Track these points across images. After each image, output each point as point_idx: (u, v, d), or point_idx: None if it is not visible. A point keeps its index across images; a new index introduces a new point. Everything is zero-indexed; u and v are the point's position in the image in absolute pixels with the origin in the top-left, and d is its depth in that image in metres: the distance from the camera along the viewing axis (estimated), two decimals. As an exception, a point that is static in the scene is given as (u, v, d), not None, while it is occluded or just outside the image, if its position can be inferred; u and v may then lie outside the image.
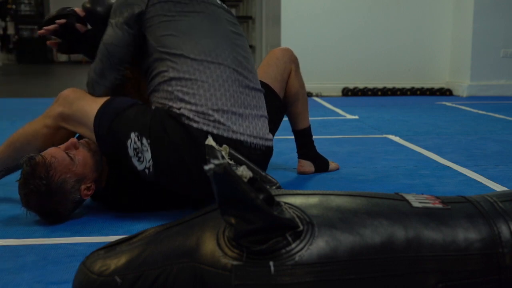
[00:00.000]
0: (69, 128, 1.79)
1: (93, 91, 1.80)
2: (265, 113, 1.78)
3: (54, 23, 1.91)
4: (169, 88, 1.67)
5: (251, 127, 1.69)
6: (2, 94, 6.01)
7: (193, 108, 1.63)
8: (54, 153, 1.67)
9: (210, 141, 1.01)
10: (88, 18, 1.90)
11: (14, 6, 12.67)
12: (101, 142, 1.72)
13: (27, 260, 1.44)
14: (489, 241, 1.01)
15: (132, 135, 1.65)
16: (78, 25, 1.92)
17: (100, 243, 1.49)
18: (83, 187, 1.70)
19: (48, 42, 2.05)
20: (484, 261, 0.99)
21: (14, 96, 5.72)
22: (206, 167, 0.90)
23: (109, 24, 1.77)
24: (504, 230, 1.02)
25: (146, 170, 1.66)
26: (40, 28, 2.01)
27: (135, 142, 1.65)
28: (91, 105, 1.74)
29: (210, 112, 1.63)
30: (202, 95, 1.64)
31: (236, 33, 1.82)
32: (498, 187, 2.14)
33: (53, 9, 13.66)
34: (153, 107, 1.71)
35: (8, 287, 1.29)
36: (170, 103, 1.66)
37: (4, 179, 1.94)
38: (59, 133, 1.82)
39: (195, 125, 1.61)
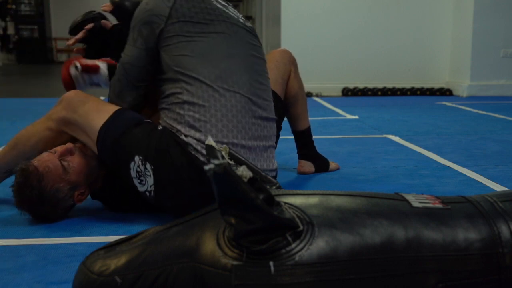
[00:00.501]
0: (71, 133, 1.76)
1: None
2: (274, 143, 1.75)
3: (81, 29, 1.88)
4: (181, 111, 1.62)
5: (257, 160, 1.66)
6: (2, 94, 6.01)
7: (202, 138, 1.58)
8: (48, 161, 1.66)
9: (210, 141, 1.01)
10: (116, 13, 1.86)
11: (14, 6, 12.66)
12: (102, 157, 1.70)
13: (27, 260, 1.44)
14: (489, 241, 1.01)
15: (136, 158, 1.62)
16: (103, 22, 1.89)
17: (100, 243, 1.49)
18: (76, 193, 1.71)
19: (74, 50, 2.00)
20: (484, 261, 0.99)
21: (14, 96, 5.72)
22: (206, 167, 0.90)
23: (127, 42, 1.73)
24: (504, 230, 1.02)
25: (147, 193, 1.64)
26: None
27: (138, 166, 1.62)
28: (97, 114, 1.70)
29: (219, 145, 1.59)
30: (214, 125, 1.60)
31: (256, 56, 1.77)
32: (498, 187, 2.14)
33: (53, 9, 13.69)
34: (160, 127, 1.68)
35: (8, 287, 1.29)
36: (179, 127, 1.62)
37: (4, 180, 1.94)
38: (62, 136, 1.79)
39: (201, 158, 1.57)
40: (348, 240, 0.98)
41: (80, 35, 1.88)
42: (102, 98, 1.91)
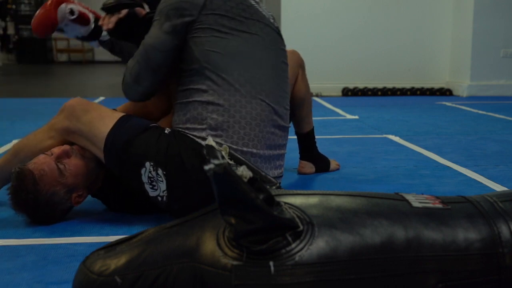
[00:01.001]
0: (75, 142, 1.72)
1: (126, 94, 1.72)
2: (285, 150, 1.74)
3: (116, 9, 1.77)
4: (203, 112, 1.58)
5: (269, 168, 1.65)
6: (2, 94, 6.01)
7: (222, 143, 1.55)
8: (43, 164, 1.64)
9: (210, 141, 1.01)
10: (149, 1, 1.80)
11: (14, 6, 12.65)
12: (109, 164, 1.67)
13: (27, 260, 1.44)
14: (489, 241, 1.01)
15: (147, 164, 1.59)
16: (138, 9, 1.80)
17: (100, 243, 1.49)
18: (74, 195, 1.69)
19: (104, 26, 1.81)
20: (484, 261, 0.99)
21: (14, 96, 5.72)
22: (206, 167, 0.90)
23: (153, 25, 1.64)
24: (504, 230, 1.02)
25: (159, 198, 1.62)
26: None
27: (149, 172, 1.59)
28: (101, 122, 1.66)
29: (238, 154, 1.57)
30: (236, 131, 1.57)
31: (284, 62, 1.74)
32: (498, 187, 2.14)
33: (53, 9, 13.67)
34: (167, 130, 1.65)
35: (8, 287, 1.29)
36: (197, 128, 1.58)
37: (4, 179, 1.94)
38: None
39: None
40: (348, 240, 0.98)
41: (113, 19, 1.76)
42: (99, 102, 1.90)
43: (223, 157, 0.93)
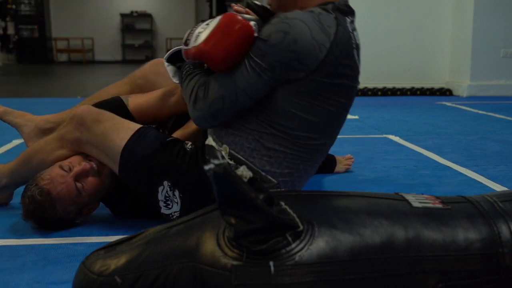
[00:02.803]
0: (88, 153, 1.66)
1: (196, 121, 1.51)
2: None
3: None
4: (272, 155, 1.47)
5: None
6: (2, 94, 6.01)
7: (272, 180, 1.47)
8: (62, 184, 1.59)
9: (210, 141, 1.01)
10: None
11: (14, 6, 12.65)
12: (125, 178, 1.62)
13: (27, 260, 1.44)
14: (489, 241, 1.01)
15: (165, 183, 1.55)
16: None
17: (100, 243, 1.49)
18: (85, 209, 1.68)
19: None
20: (484, 261, 0.99)
21: (14, 96, 5.72)
22: (206, 167, 0.90)
23: (251, 64, 1.40)
24: (504, 230, 1.02)
25: (170, 216, 1.59)
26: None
27: (166, 191, 1.56)
28: (115, 135, 1.60)
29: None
30: (282, 182, 1.49)
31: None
32: (498, 187, 2.14)
33: (53, 9, 13.68)
34: (189, 146, 1.58)
35: (8, 287, 1.29)
36: (256, 160, 1.47)
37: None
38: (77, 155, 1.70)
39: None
40: (348, 240, 0.98)
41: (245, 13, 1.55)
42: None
43: (223, 157, 0.93)
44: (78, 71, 10.19)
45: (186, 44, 1.49)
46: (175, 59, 1.64)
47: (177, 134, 1.79)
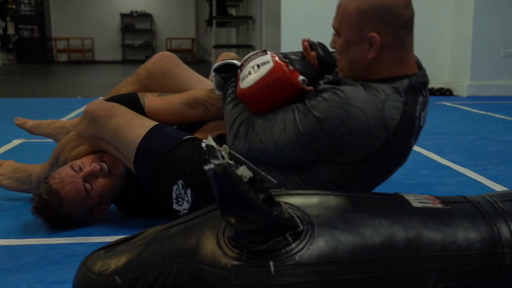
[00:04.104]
0: (105, 150, 1.65)
1: (231, 146, 1.44)
2: None
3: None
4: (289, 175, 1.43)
5: None
6: (2, 94, 6.01)
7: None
8: (71, 184, 1.58)
9: (210, 141, 1.01)
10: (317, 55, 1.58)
11: (14, 6, 12.66)
12: (140, 175, 1.61)
13: (27, 260, 1.44)
14: (489, 241, 1.01)
15: (179, 182, 1.54)
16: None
17: (100, 243, 1.49)
18: (96, 210, 1.67)
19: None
20: (484, 261, 0.99)
21: (14, 96, 5.72)
22: (206, 167, 0.90)
23: (298, 138, 1.34)
24: (504, 230, 1.02)
25: (179, 212, 1.58)
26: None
27: (178, 190, 1.55)
28: (129, 131, 1.58)
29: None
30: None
31: None
32: (498, 187, 2.14)
33: (53, 9, 13.68)
34: (205, 143, 1.57)
35: (8, 287, 1.29)
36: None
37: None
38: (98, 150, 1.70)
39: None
40: (348, 240, 0.98)
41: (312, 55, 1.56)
42: None
43: (223, 157, 0.93)
44: (78, 71, 10.19)
45: (239, 71, 1.47)
46: (222, 69, 1.58)
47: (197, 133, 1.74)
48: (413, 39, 1.39)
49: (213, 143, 0.98)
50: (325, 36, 6.52)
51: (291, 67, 1.39)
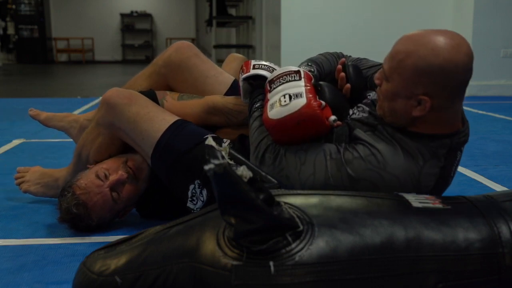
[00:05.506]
0: (122, 139, 1.63)
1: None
2: None
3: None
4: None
5: None
6: (2, 94, 6.01)
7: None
8: (98, 194, 1.56)
9: (210, 141, 1.01)
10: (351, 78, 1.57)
11: (14, 6, 12.65)
12: (157, 170, 1.59)
13: (27, 260, 1.44)
14: (489, 241, 1.01)
15: (197, 182, 1.53)
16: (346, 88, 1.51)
17: (100, 243, 1.49)
18: (120, 213, 1.67)
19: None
20: (484, 261, 0.99)
21: (14, 96, 5.72)
22: (206, 167, 0.90)
23: (337, 155, 1.28)
24: (504, 230, 1.02)
25: (192, 210, 1.57)
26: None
27: (195, 189, 1.54)
28: (150, 124, 1.56)
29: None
30: None
31: None
32: (498, 187, 2.14)
33: (53, 9, 13.68)
34: (228, 142, 1.57)
35: (8, 287, 1.29)
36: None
37: (5, 180, 1.94)
38: (115, 142, 1.67)
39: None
40: (348, 240, 0.98)
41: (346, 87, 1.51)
42: None
43: (223, 157, 0.93)
44: (78, 71, 10.19)
45: (268, 88, 1.41)
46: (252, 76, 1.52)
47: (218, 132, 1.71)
48: (464, 98, 1.29)
49: (213, 143, 0.98)
50: (325, 36, 6.52)
51: (323, 103, 1.32)
